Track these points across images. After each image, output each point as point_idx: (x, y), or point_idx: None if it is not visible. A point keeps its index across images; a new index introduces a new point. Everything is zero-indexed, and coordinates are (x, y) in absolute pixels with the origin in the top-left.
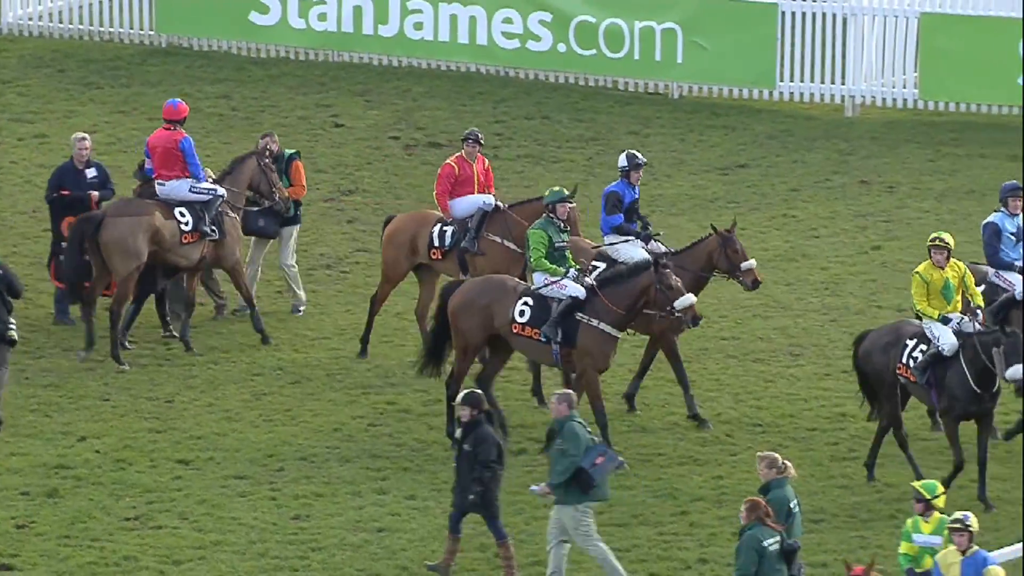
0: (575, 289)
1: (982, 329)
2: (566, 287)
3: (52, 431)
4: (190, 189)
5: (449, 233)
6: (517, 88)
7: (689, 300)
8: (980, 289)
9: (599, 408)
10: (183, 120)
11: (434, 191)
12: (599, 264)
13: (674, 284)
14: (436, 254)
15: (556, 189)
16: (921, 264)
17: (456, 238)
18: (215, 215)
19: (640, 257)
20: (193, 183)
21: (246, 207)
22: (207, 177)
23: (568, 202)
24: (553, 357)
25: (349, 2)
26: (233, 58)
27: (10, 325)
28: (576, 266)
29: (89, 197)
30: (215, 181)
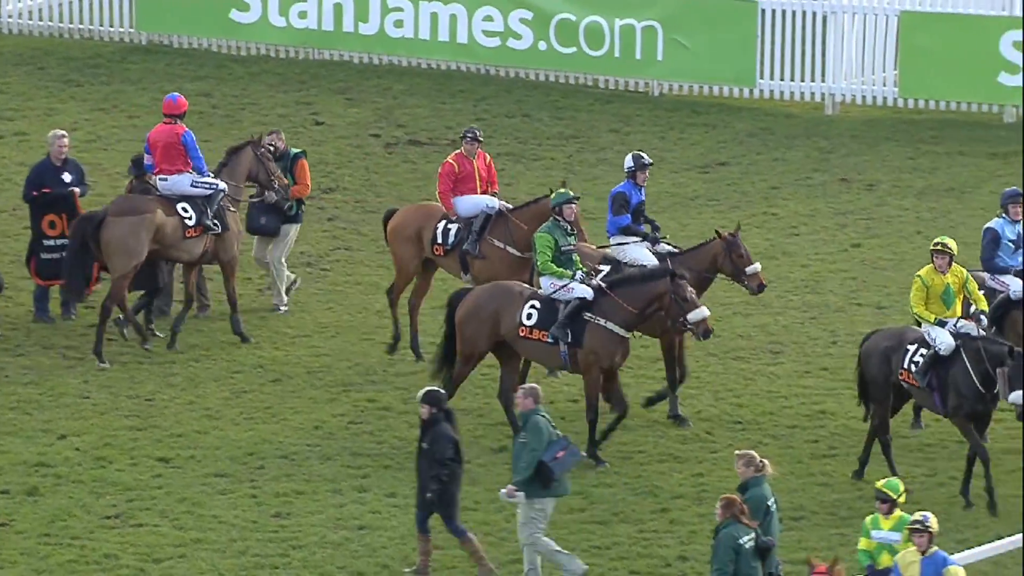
0: (582, 290)
1: (988, 336)
2: (573, 289)
3: (32, 429)
4: (192, 184)
5: (453, 231)
6: (497, 86)
7: (702, 314)
8: None
9: (593, 406)
10: (183, 114)
11: (436, 189)
12: (603, 268)
13: (689, 296)
14: (439, 250)
15: (562, 191)
16: (923, 268)
17: (459, 237)
18: (217, 209)
19: (646, 258)
20: (195, 177)
21: (249, 202)
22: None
23: (574, 203)
24: (561, 359)
25: (330, 0)
26: (213, 56)
27: None
28: (583, 268)
29: (72, 194)
30: (213, 174)
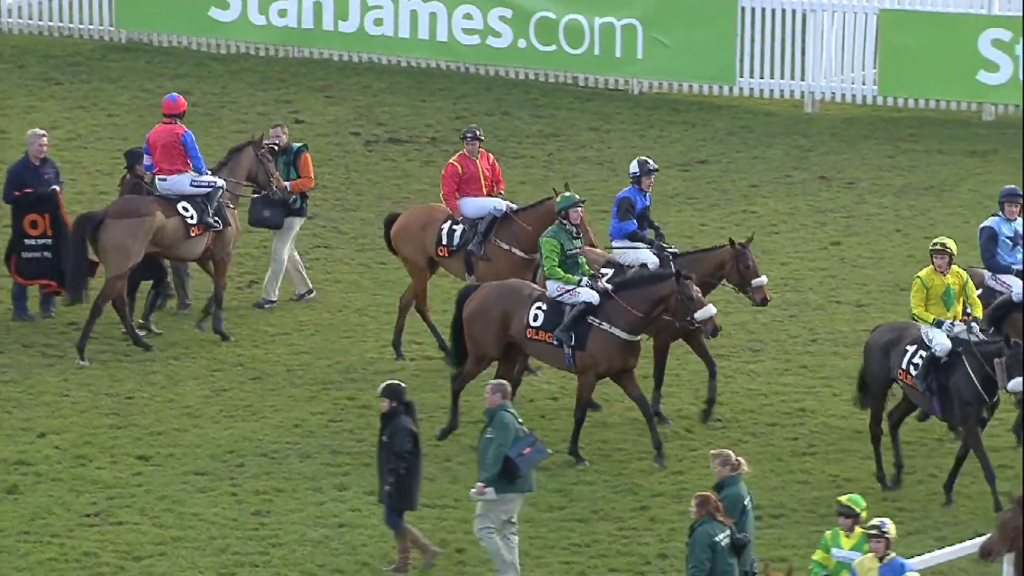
0: (589, 295)
1: (984, 339)
2: (580, 294)
3: (11, 427)
4: (191, 183)
5: (458, 233)
6: (477, 84)
7: (710, 311)
8: (977, 293)
9: (583, 406)
10: (183, 114)
11: (440, 192)
12: (607, 271)
13: (695, 295)
14: (443, 251)
15: (567, 194)
16: (923, 269)
17: (464, 238)
18: (217, 207)
19: (650, 262)
20: (194, 177)
21: (252, 197)
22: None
23: (580, 207)
24: (566, 361)
25: None
26: (193, 54)
27: None
28: (590, 272)
29: (54, 193)
30: (212, 172)
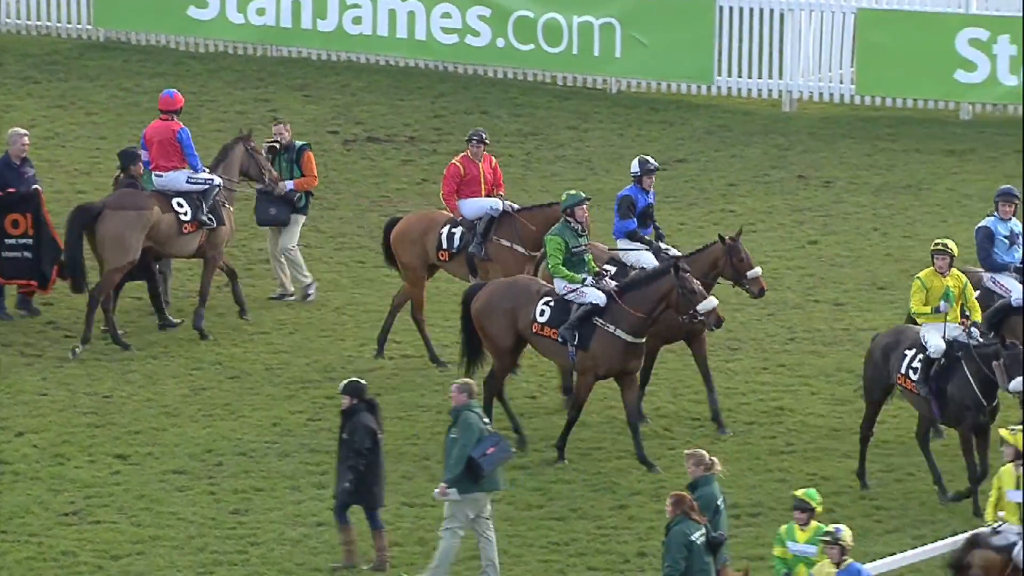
0: (595, 296)
1: (982, 341)
2: (586, 294)
3: None
4: (187, 180)
5: (458, 235)
6: (456, 83)
7: (711, 303)
8: (975, 294)
9: (578, 406)
10: (179, 110)
11: (440, 192)
12: (610, 268)
13: (696, 288)
14: (444, 255)
15: (572, 193)
16: (923, 270)
17: (464, 240)
18: (212, 205)
19: (650, 263)
20: (190, 174)
21: (257, 193)
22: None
23: (585, 205)
24: (570, 359)
25: None
26: (171, 52)
27: None
28: (595, 270)
29: (37, 193)
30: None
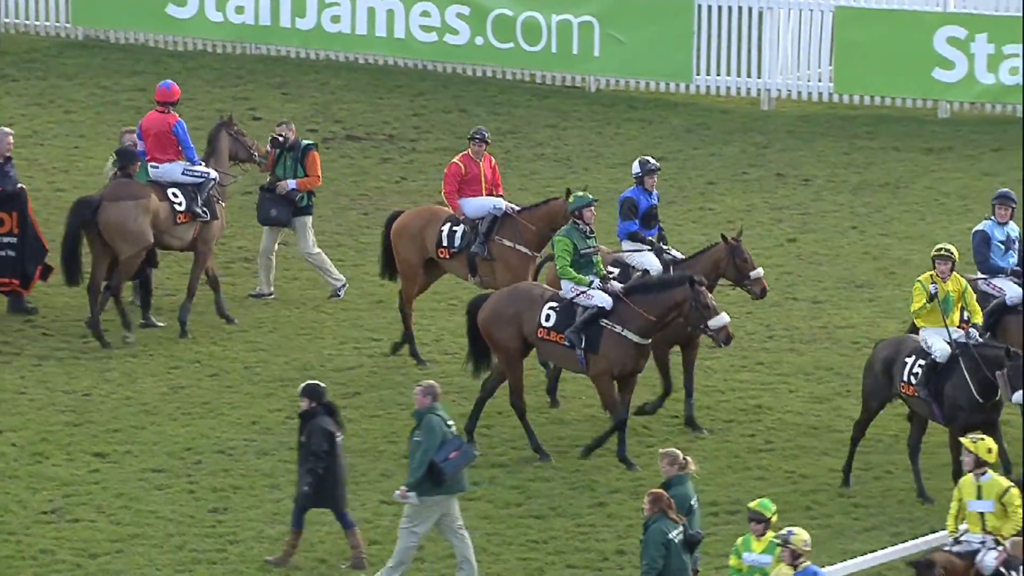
0: (601, 299)
1: (980, 341)
2: (593, 297)
3: None
4: (183, 172)
5: (459, 233)
6: (435, 81)
7: (723, 320)
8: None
9: (614, 405)
10: (176, 102)
11: (442, 191)
12: (613, 269)
13: (710, 303)
14: (444, 253)
15: (580, 194)
16: (923, 274)
17: (466, 239)
18: (206, 198)
19: (653, 265)
20: (187, 166)
21: (261, 195)
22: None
23: (594, 206)
24: (579, 362)
25: None
26: (150, 51)
27: None
28: (603, 272)
29: (23, 191)
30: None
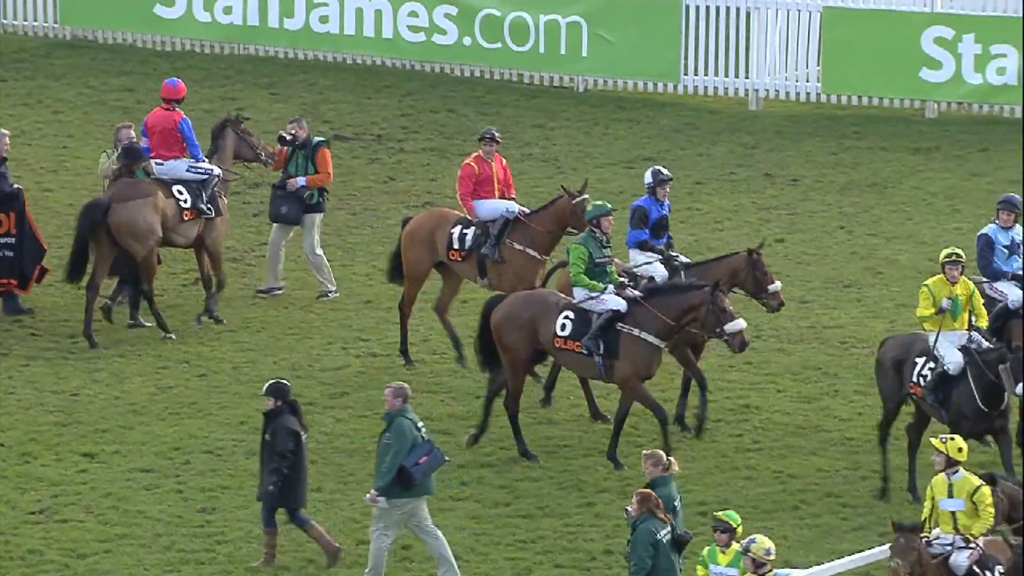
0: (615, 302)
1: (985, 347)
2: (606, 301)
3: None
4: (188, 169)
5: (470, 236)
6: (423, 81)
7: (739, 325)
8: None
9: (654, 406)
10: (181, 100)
11: (457, 193)
12: (622, 278)
13: (727, 308)
14: (455, 255)
15: (599, 203)
16: (931, 278)
17: (477, 241)
18: (211, 195)
19: (658, 275)
20: (191, 163)
21: (272, 192)
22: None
23: (611, 216)
24: (598, 369)
25: None
26: (138, 51)
27: None
28: (618, 280)
29: (20, 192)
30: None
